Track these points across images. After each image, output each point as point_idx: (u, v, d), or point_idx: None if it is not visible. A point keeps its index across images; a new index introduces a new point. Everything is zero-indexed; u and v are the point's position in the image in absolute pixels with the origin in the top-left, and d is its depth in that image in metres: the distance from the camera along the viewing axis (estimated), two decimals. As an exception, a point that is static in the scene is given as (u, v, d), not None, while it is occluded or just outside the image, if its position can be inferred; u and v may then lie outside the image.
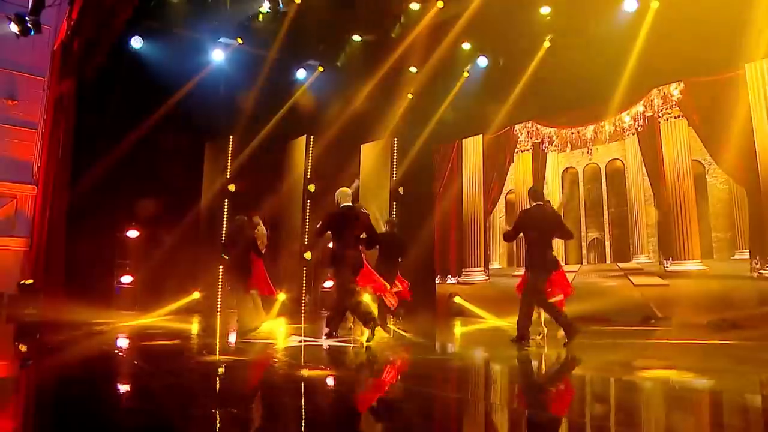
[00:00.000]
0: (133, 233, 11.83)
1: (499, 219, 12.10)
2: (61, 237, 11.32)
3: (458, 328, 9.61)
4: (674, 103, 9.48)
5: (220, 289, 11.98)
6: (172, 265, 11.68)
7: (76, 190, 11.26)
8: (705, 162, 9.11)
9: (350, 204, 6.05)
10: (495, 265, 12.00)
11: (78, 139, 11.53)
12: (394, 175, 12.80)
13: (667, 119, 9.54)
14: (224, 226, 12.30)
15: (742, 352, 5.92)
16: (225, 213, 12.37)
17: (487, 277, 12.06)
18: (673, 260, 9.26)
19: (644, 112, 9.87)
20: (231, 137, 12.64)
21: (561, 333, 5.83)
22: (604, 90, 9.95)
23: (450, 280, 12.78)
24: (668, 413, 3.15)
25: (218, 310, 11.74)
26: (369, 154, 13.20)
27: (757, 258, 8.39)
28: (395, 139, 12.91)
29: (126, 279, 11.71)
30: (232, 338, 6.63)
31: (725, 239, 8.78)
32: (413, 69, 12.41)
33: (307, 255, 12.34)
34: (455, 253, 12.75)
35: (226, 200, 12.43)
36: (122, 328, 7.61)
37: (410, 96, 12.84)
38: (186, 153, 12.35)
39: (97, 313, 9.21)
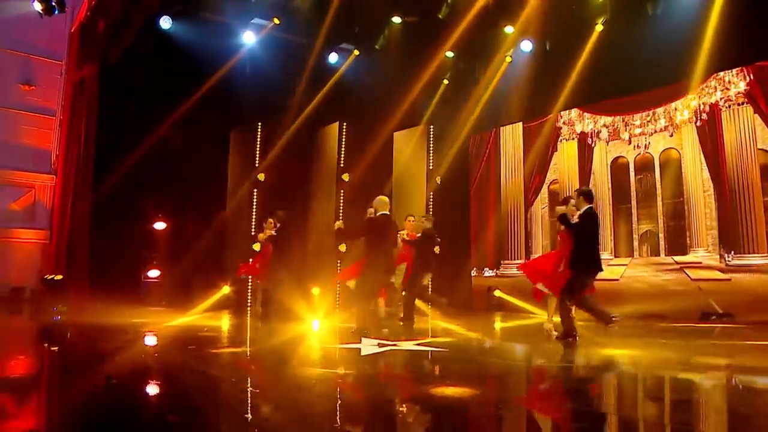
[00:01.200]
0: (160, 225, 11.33)
1: (542, 210, 11.70)
2: (85, 229, 10.81)
3: (502, 323, 9.33)
4: (738, 90, 9.05)
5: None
6: (199, 258, 11.24)
7: (100, 179, 10.76)
8: (772, 151, 8.74)
9: (388, 213, 6.47)
10: (537, 257, 11.61)
11: (101, 126, 10.99)
12: (431, 164, 12.32)
13: (730, 106, 9.14)
14: (254, 216, 11.81)
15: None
16: (254, 203, 11.88)
17: (527, 270, 11.67)
18: (735, 254, 8.91)
19: (704, 103, 9.43)
20: (260, 124, 12.12)
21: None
22: (658, 76, 9.53)
23: (487, 272, 12.40)
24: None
25: (249, 305, 11.25)
26: (403, 141, 12.72)
27: (829, 252, 8.07)
28: (431, 126, 12.41)
29: (153, 273, 11.24)
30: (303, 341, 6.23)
31: (796, 233, 8.45)
32: (449, 53, 11.93)
33: (342, 247, 11.88)
34: (493, 245, 12.35)
35: (255, 190, 11.92)
36: (169, 330, 7.14)
37: (446, 81, 12.37)
38: (213, 141, 11.84)
39: (127, 310, 8.75)
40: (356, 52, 11.69)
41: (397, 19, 10.87)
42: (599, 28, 9.97)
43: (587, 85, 10.41)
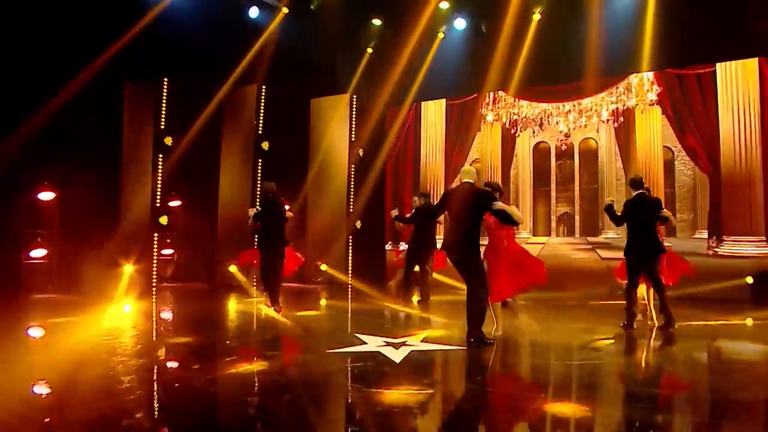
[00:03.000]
0: (46, 195, 9.39)
1: (462, 187, 12.07)
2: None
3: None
4: (651, 95, 10.14)
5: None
6: (93, 234, 9.65)
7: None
8: (675, 149, 10.03)
9: (472, 182, 5.48)
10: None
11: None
12: (353, 136, 11.90)
13: (643, 106, 10.23)
14: (159, 185, 10.34)
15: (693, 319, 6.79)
16: (159, 170, 10.40)
17: (446, 245, 12.07)
18: (639, 236, 10.17)
19: (621, 103, 10.40)
20: (165, 80, 10.52)
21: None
22: (582, 70, 10.22)
23: (403, 246, 12.53)
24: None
25: (154, 288, 9.97)
26: (325, 111, 12.07)
27: (714, 238, 9.62)
28: (354, 96, 11.92)
29: (38, 253, 9.35)
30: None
31: (687, 220, 9.90)
32: (376, 21, 11.49)
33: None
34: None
35: (161, 156, 10.44)
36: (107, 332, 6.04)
37: (370, 50, 11.91)
38: (106, 97, 10.01)
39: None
40: (285, 10, 10.63)
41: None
42: (536, 17, 10.34)
43: (516, 70, 10.81)
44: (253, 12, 10.81)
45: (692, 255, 9.50)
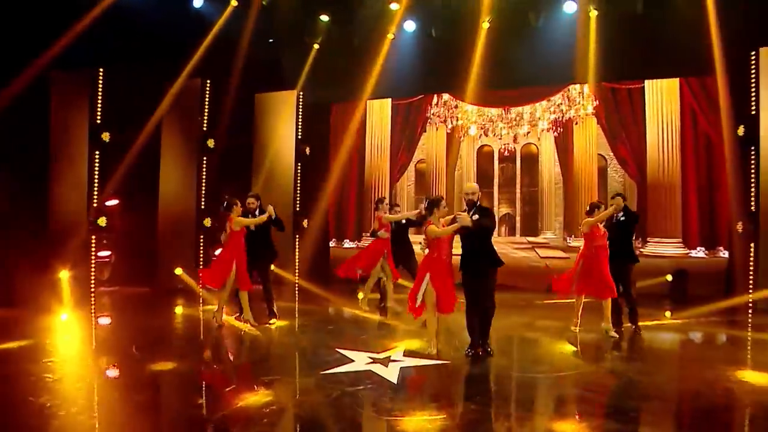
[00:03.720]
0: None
1: (407, 187, 12.33)
2: None
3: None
4: (588, 108, 10.86)
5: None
6: (21, 239, 8.90)
7: None
8: (608, 157, 10.84)
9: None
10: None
11: None
12: (300, 134, 11.70)
13: (577, 122, 10.94)
14: (95, 184, 9.64)
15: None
16: (96, 168, 9.70)
17: (391, 243, 12.29)
18: (574, 237, 10.97)
19: (561, 114, 11.05)
20: (100, 70, 9.77)
21: None
22: (526, 78, 10.75)
23: (347, 244, 12.65)
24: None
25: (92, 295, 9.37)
26: (271, 107, 11.76)
27: (639, 239, 10.56)
28: (301, 93, 11.70)
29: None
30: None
31: (618, 222, 10.76)
32: (324, 17, 11.31)
33: (207, 222, 10.66)
34: (354, 218, 12.59)
35: (97, 152, 9.73)
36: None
37: (317, 46, 11.71)
38: (31, 89, 9.14)
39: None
40: (234, 3, 10.18)
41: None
42: (485, 26, 10.66)
43: (463, 75, 11.12)
44: (198, 1, 10.26)
45: (620, 254, 10.36)
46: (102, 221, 9.59)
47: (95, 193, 9.69)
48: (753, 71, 8.67)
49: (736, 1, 8.83)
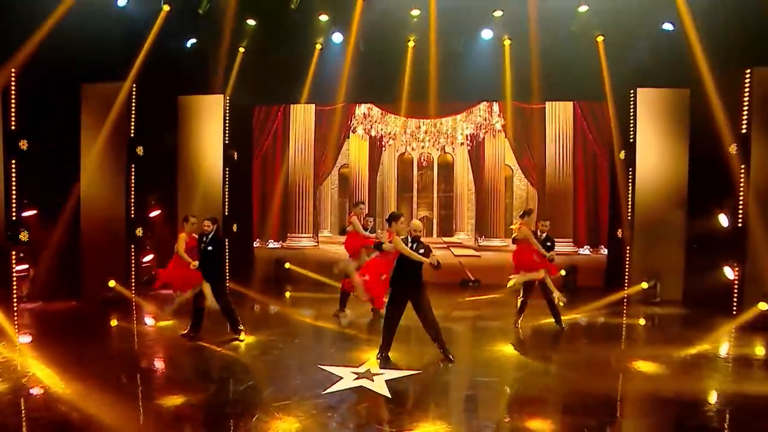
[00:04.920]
0: None
1: (331, 190, 12.89)
2: None
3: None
4: (497, 124, 12.21)
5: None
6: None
7: None
8: (514, 167, 12.31)
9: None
10: (325, 233, 12.89)
11: None
12: (227, 138, 11.67)
13: (491, 130, 12.26)
14: (13, 194, 8.97)
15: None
16: (13, 179, 9.02)
17: (315, 243, 12.86)
18: (484, 237, 12.40)
19: (474, 128, 12.29)
20: (12, 71, 9.02)
21: None
22: (445, 94, 11.74)
23: (272, 244, 12.97)
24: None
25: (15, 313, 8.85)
26: (196, 110, 11.56)
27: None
28: (227, 97, 11.64)
29: None
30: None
31: (521, 225, 12.34)
32: (251, 21, 11.36)
33: (138, 231, 10.38)
34: (278, 218, 12.91)
35: (14, 161, 9.04)
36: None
37: (242, 50, 11.72)
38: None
39: None
40: (166, 8, 9.85)
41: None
42: (411, 44, 11.46)
43: (386, 87, 11.85)
44: (122, 1, 9.80)
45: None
46: (24, 236, 9.03)
47: (13, 204, 9.06)
48: (632, 107, 10.47)
49: (621, 46, 10.53)
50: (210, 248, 7.50)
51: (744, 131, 8.71)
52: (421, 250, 6.72)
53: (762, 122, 8.54)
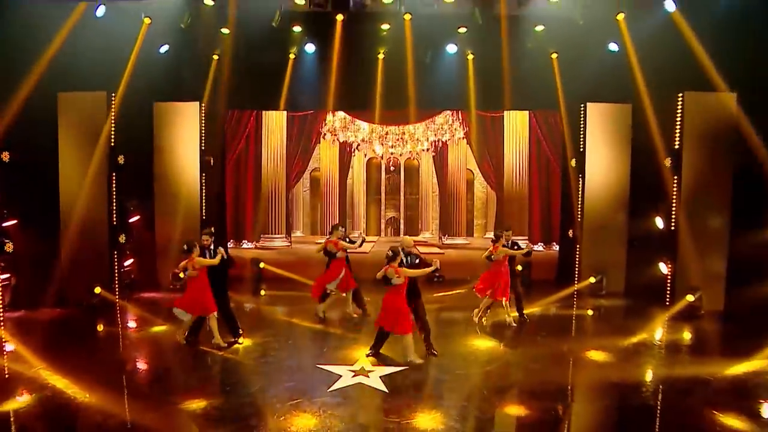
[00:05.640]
0: None
1: (303, 192, 13.50)
2: None
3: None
4: (460, 132, 13.14)
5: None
6: None
7: None
8: (475, 172, 13.31)
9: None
10: (297, 233, 13.51)
11: None
12: (203, 144, 12.03)
13: (454, 137, 13.18)
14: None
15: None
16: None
17: (288, 244, 13.47)
18: (448, 236, 13.38)
19: (439, 136, 13.17)
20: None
21: None
22: (413, 102, 12.52)
23: (246, 244, 13.47)
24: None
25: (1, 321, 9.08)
26: (172, 116, 11.85)
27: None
28: (202, 103, 11.97)
29: None
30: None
31: (481, 224, 13.42)
32: (225, 30, 11.72)
33: (122, 238, 10.68)
34: (251, 220, 13.41)
35: (-2, 174, 9.18)
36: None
37: (216, 57, 12.07)
38: None
39: None
40: (147, 21, 10.10)
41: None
42: (380, 56, 12.16)
43: (356, 95, 12.52)
44: (100, 11, 9.97)
45: (483, 249, 13.04)
46: (9, 247, 9.23)
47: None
48: (582, 119, 11.62)
49: (573, 63, 11.62)
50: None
51: (677, 147, 9.98)
52: (417, 260, 7.49)
53: (692, 140, 9.82)
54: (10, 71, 9.26)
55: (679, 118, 9.91)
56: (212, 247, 8.15)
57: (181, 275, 8.08)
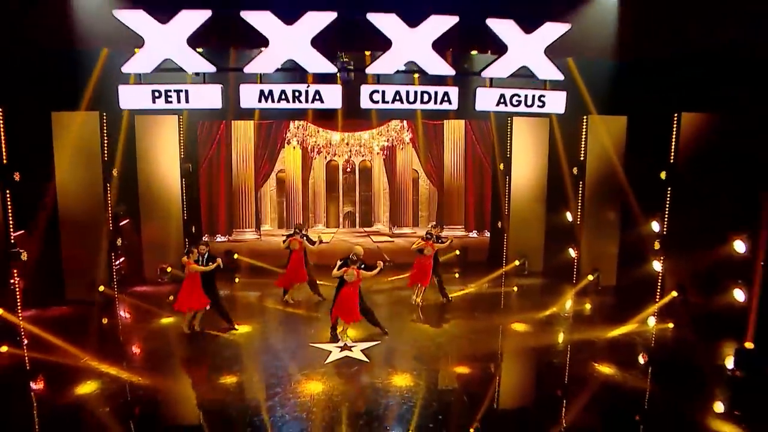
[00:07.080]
0: None
1: (270, 191, 15.21)
2: None
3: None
4: (407, 137, 15.22)
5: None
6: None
7: None
8: (419, 171, 15.48)
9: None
10: (266, 227, 15.26)
11: None
12: (182, 153, 13.40)
13: (401, 142, 15.26)
14: (10, 217, 10.31)
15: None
16: (8, 201, 10.33)
17: (258, 236, 15.20)
18: (397, 226, 15.58)
19: (389, 141, 15.19)
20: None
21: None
22: (366, 113, 14.39)
23: (219, 238, 15.06)
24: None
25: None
26: (150, 126, 13.11)
27: (439, 227, 15.54)
28: (180, 116, 13.31)
29: None
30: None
31: (425, 216, 15.68)
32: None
33: (119, 242, 12.06)
34: (224, 216, 15.00)
35: (8, 191, 10.33)
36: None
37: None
38: None
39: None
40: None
41: None
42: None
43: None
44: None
45: (426, 237, 15.35)
46: (24, 256, 10.45)
47: (11, 226, 10.41)
48: (509, 129, 13.97)
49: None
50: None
51: (582, 159, 12.56)
52: (362, 266, 9.58)
53: (593, 155, 12.39)
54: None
55: (583, 136, 12.45)
56: (206, 255, 9.89)
57: (168, 269, 9.81)
